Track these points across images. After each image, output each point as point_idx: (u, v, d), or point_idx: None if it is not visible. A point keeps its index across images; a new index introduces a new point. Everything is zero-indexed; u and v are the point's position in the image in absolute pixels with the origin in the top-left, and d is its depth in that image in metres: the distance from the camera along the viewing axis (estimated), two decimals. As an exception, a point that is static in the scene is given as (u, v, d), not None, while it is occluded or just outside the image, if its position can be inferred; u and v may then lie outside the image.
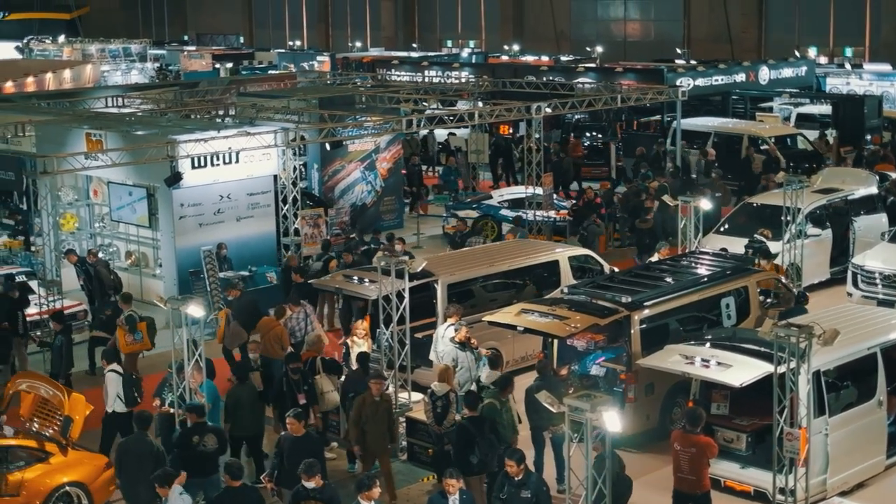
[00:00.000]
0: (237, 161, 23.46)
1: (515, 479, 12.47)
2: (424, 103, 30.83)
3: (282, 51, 67.56)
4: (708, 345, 15.45)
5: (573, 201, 29.92)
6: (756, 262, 20.30)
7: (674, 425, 15.50)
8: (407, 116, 26.80)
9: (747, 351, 14.84)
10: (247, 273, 23.08)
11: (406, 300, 17.13)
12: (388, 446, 15.33)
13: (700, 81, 39.13)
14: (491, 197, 30.28)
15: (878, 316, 16.76)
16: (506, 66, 49.31)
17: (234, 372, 16.75)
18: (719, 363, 14.68)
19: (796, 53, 51.29)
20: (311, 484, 12.36)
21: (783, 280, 20.30)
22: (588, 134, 38.15)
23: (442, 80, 42.02)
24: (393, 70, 46.49)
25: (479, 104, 32.95)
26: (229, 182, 23.60)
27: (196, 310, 14.52)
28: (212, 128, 24.45)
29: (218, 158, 23.10)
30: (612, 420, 11.54)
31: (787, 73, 42.73)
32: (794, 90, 41.29)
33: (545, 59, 54.62)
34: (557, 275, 20.55)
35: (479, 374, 16.72)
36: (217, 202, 23.55)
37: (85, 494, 14.88)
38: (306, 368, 16.56)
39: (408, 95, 30.97)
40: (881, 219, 25.30)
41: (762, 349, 14.49)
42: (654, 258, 21.34)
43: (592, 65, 48.65)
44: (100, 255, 23.51)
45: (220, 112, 29.23)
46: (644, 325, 16.70)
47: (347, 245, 24.36)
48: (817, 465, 14.46)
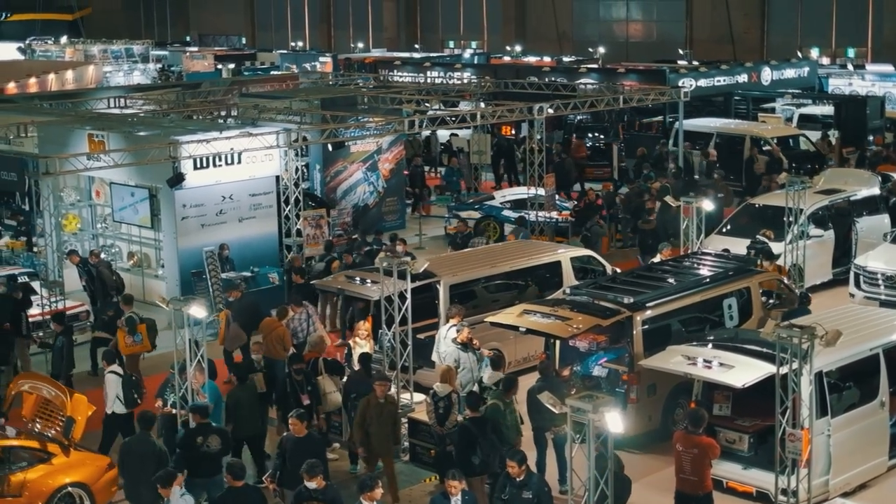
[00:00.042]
0: (239, 162, 23.45)
1: (517, 480, 12.47)
2: (426, 104, 30.83)
3: (284, 51, 67.65)
4: (710, 346, 15.44)
5: (574, 202, 29.93)
6: (759, 263, 20.30)
7: (676, 426, 15.49)
8: (409, 117, 26.83)
9: (749, 352, 14.84)
10: (249, 274, 23.08)
11: (408, 301, 17.13)
12: (392, 448, 15.32)
13: (702, 82, 39.15)
14: (493, 198, 30.28)
15: (880, 317, 16.74)
16: (508, 66, 49.34)
17: (234, 373, 16.76)
18: (721, 364, 14.67)
19: (798, 54, 51.29)
20: (312, 484, 12.36)
21: (785, 281, 20.30)
22: (590, 135, 38.16)
23: (444, 81, 42.05)
24: (395, 71, 46.52)
25: (482, 105, 32.95)
26: (231, 183, 23.59)
27: (198, 310, 14.52)
28: (214, 128, 24.47)
29: (220, 159, 23.10)
30: (614, 421, 11.53)
31: (790, 73, 42.73)
32: (797, 91, 41.30)
33: (547, 59, 54.66)
34: (559, 276, 20.54)
35: (481, 374, 16.71)
36: (219, 203, 23.54)
37: (87, 495, 14.88)
38: (308, 369, 16.57)
39: (410, 96, 30.97)
40: (883, 220, 25.29)
41: (764, 350, 14.49)
42: (657, 259, 21.35)
43: (594, 65, 48.67)
44: (102, 255, 23.52)
45: (223, 113, 29.29)
46: (646, 326, 16.69)
47: (349, 246, 24.37)
48: (819, 466, 14.45)
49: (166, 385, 15.78)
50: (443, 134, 38.49)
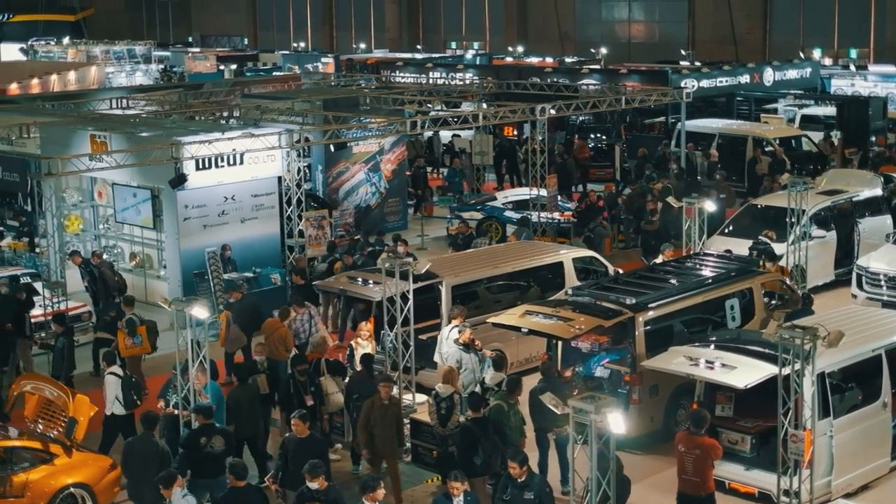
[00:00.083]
0: (241, 163, 23.47)
1: (518, 481, 12.47)
2: (429, 105, 30.84)
3: (286, 52, 67.67)
4: (712, 346, 15.45)
5: (575, 203, 29.92)
6: (761, 264, 20.29)
7: (678, 427, 15.45)
8: (411, 118, 26.83)
9: (752, 353, 14.83)
10: (251, 274, 23.09)
11: (410, 302, 17.13)
12: (396, 450, 15.30)
13: (704, 83, 39.16)
14: (495, 198, 30.28)
15: (882, 317, 16.72)
16: (510, 67, 49.38)
17: (234, 373, 16.77)
18: (724, 365, 14.66)
19: (801, 55, 51.29)
20: (314, 485, 12.35)
21: (787, 282, 20.28)
22: (592, 136, 38.16)
23: (446, 82, 42.08)
24: (397, 71, 46.55)
25: (484, 106, 32.96)
26: (234, 184, 23.61)
27: (200, 311, 14.52)
28: (216, 129, 24.48)
29: (222, 160, 23.11)
30: (617, 422, 11.52)
31: (792, 74, 42.75)
32: (799, 91, 41.32)
33: (549, 60, 54.66)
34: (562, 276, 20.54)
35: (484, 375, 16.71)
36: (221, 204, 23.56)
37: (89, 496, 14.88)
38: (311, 370, 16.55)
39: (412, 97, 30.99)
40: (886, 220, 25.27)
41: (767, 351, 14.48)
42: (659, 260, 21.34)
43: (597, 66, 48.71)
44: (104, 256, 23.53)
45: (225, 114, 29.30)
46: (648, 327, 16.68)
47: (350, 247, 24.36)
48: (822, 467, 14.44)
49: (168, 386, 15.78)
50: (445, 135, 38.52)
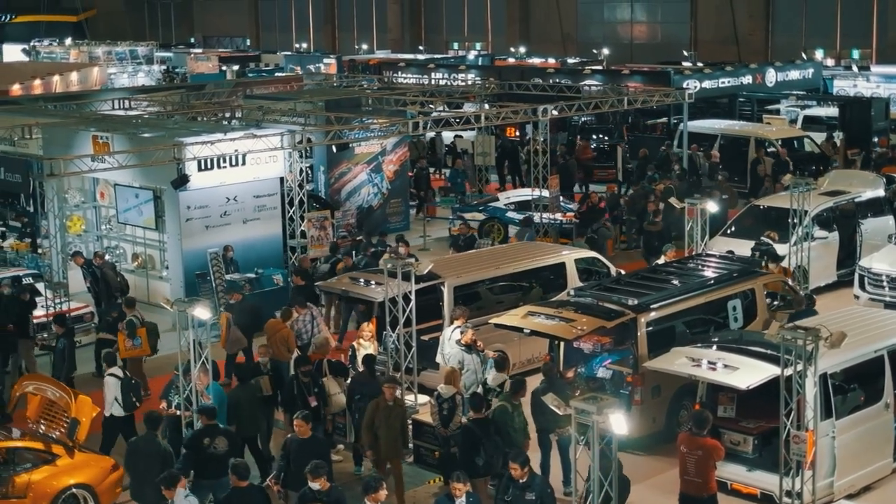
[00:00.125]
0: (244, 163, 23.48)
1: (520, 482, 12.47)
2: (431, 106, 30.83)
3: (288, 53, 67.76)
4: (714, 347, 15.43)
5: (577, 204, 29.92)
6: (764, 265, 20.27)
7: (680, 428, 15.45)
8: (413, 119, 26.84)
9: (754, 353, 14.82)
10: (253, 275, 23.09)
11: (412, 303, 17.12)
12: (401, 451, 15.28)
13: (707, 84, 39.15)
14: (497, 199, 30.27)
15: (885, 318, 16.70)
16: (512, 68, 49.40)
17: (235, 373, 16.74)
18: (726, 366, 14.65)
19: (803, 55, 51.29)
20: (316, 485, 12.35)
21: (790, 283, 20.26)
22: (595, 136, 38.16)
23: (448, 83, 42.05)
24: (399, 72, 46.55)
25: (486, 106, 32.94)
26: (236, 184, 23.62)
27: (202, 312, 14.52)
28: (218, 130, 24.49)
29: (224, 161, 23.13)
30: (619, 422, 11.52)
31: (794, 75, 42.73)
32: (801, 92, 41.30)
33: (552, 61, 54.67)
34: (564, 277, 20.53)
35: (486, 376, 16.71)
36: (223, 204, 23.57)
37: (91, 496, 14.88)
38: (314, 370, 16.55)
39: (414, 98, 30.99)
40: (888, 221, 25.24)
41: (769, 352, 14.48)
42: (661, 260, 21.33)
43: (599, 67, 48.72)
44: (106, 257, 23.54)
45: (227, 114, 29.28)
46: (650, 328, 16.66)
47: (352, 247, 24.37)
48: (824, 468, 14.43)
49: (171, 386, 15.79)
50: (447, 136, 38.53)
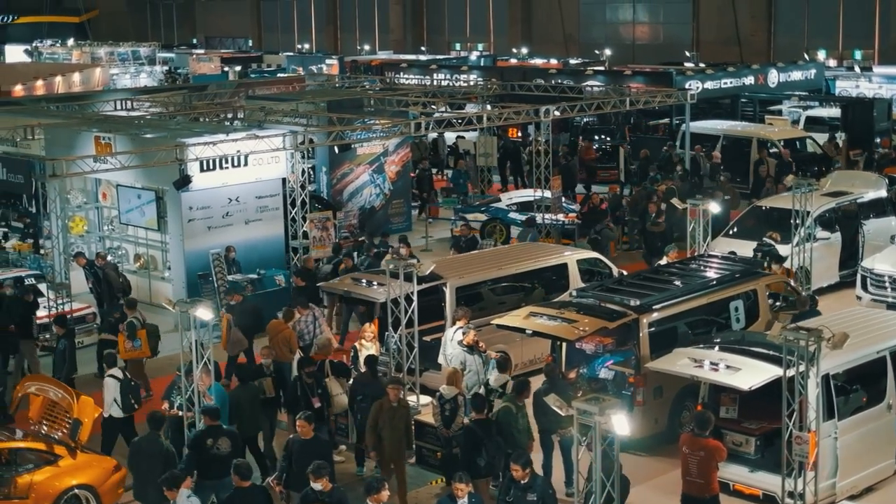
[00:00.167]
0: (246, 164, 23.49)
1: (521, 483, 12.47)
2: (433, 106, 30.84)
3: (290, 54, 67.76)
4: (717, 348, 15.42)
5: (578, 205, 29.91)
6: (766, 266, 20.26)
7: (682, 429, 15.45)
8: (415, 120, 26.84)
9: (756, 354, 14.81)
10: (255, 276, 23.10)
11: (414, 303, 17.13)
12: (405, 452, 15.26)
13: (709, 84, 39.12)
14: (499, 200, 30.27)
15: (887, 319, 16.70)
16: (514, 69, 49.35)
17: (236, 374, 16.74)
18: (728, 366, 14.64)
19: (805, 56, 51.24)
20: (318, 486, 12.35)
21: (792, 283, 20.26)
22: (597, 137, 38.16)
23: (450, 84, 42.04)
24: (401, 73, 46.53)
25: (488, 107, 32.95)
26: (238, 185, 23.62)
27: (204, 313, 14.53)
28: (220, 131, 24.51)
29: (226, 161, 23.13)
30: (621, 423, 11.51)
31: (796, 75, 42.71)
32: (803, 93, 41.25)
33: (554, 62, 54.63)
34: (566, 278, 20.53)
35: (488, 377, 16.70)
36: (225, 205, 23.57)
37: (93, 497, 14.89)
38: (316, 371, 16.55)
39: (416, 98, 30.99)
40: (890, 222, 25.22)
41: (771, 352, 14.47)
42: (663, 261, 21.32)
43: (601, 68, 48.68)
44: (108, 257, 23.56)
45: (229, 115, 29.28)
46: (653, 329, 16.66)
47: (353, 248, 24.37)
48: (826, 469, 14.43)
49: (173, 387, 15.80)
50: (449, 136, 38.51)
